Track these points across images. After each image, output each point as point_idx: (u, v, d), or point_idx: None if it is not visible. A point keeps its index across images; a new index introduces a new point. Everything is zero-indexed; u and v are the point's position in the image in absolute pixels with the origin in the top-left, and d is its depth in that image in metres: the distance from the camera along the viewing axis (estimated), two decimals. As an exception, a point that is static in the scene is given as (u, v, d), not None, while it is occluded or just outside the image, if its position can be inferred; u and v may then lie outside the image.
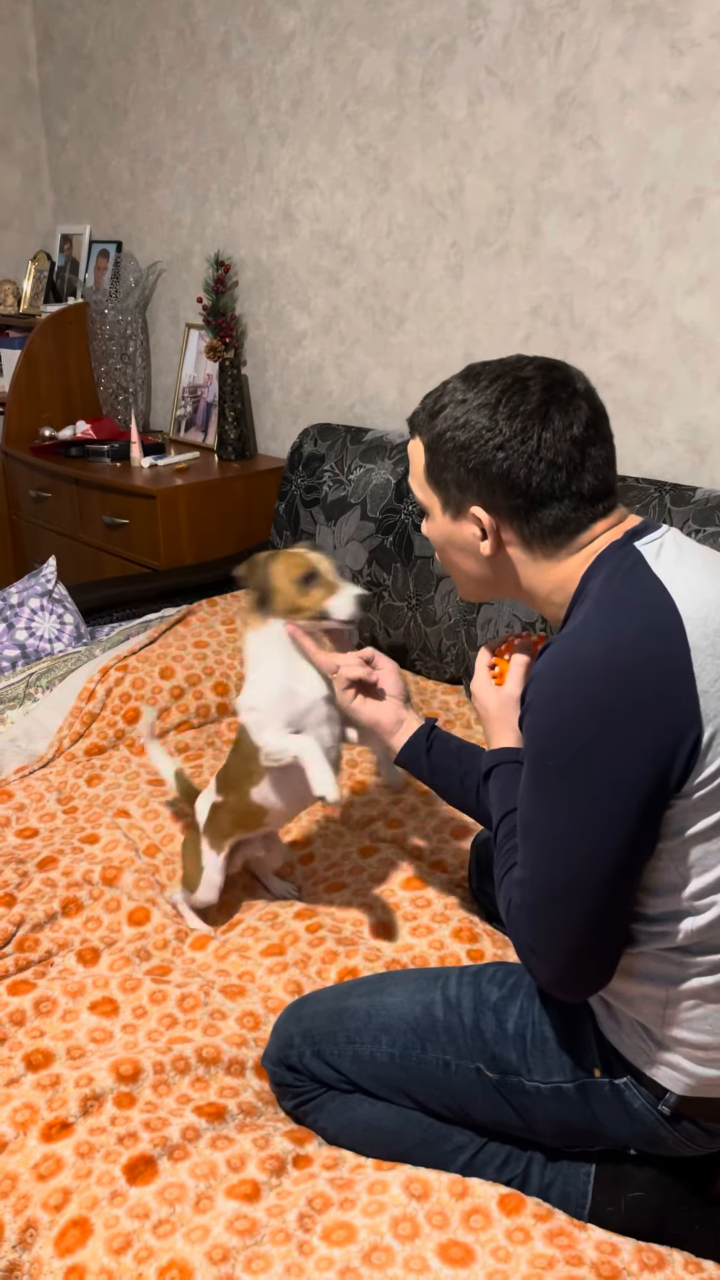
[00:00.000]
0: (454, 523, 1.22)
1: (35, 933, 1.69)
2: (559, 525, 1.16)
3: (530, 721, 1.08)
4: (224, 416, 3.25)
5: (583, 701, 1.03)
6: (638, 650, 1.02)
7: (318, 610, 1.53)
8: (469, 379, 1.18)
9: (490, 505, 1.17)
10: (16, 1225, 1.24)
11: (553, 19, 2.25)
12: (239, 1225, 1.18)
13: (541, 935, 1.10)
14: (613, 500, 1.18)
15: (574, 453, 1.13)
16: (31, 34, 3.91)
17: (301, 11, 2.81)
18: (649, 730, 1.01)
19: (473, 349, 2.63)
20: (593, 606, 1.09)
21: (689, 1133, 1.18)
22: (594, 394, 1.17)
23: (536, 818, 1.09)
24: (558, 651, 1.07)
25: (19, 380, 3.67)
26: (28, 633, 2.59)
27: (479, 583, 1.27)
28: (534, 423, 1.13)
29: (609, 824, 1.03)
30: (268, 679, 1.57)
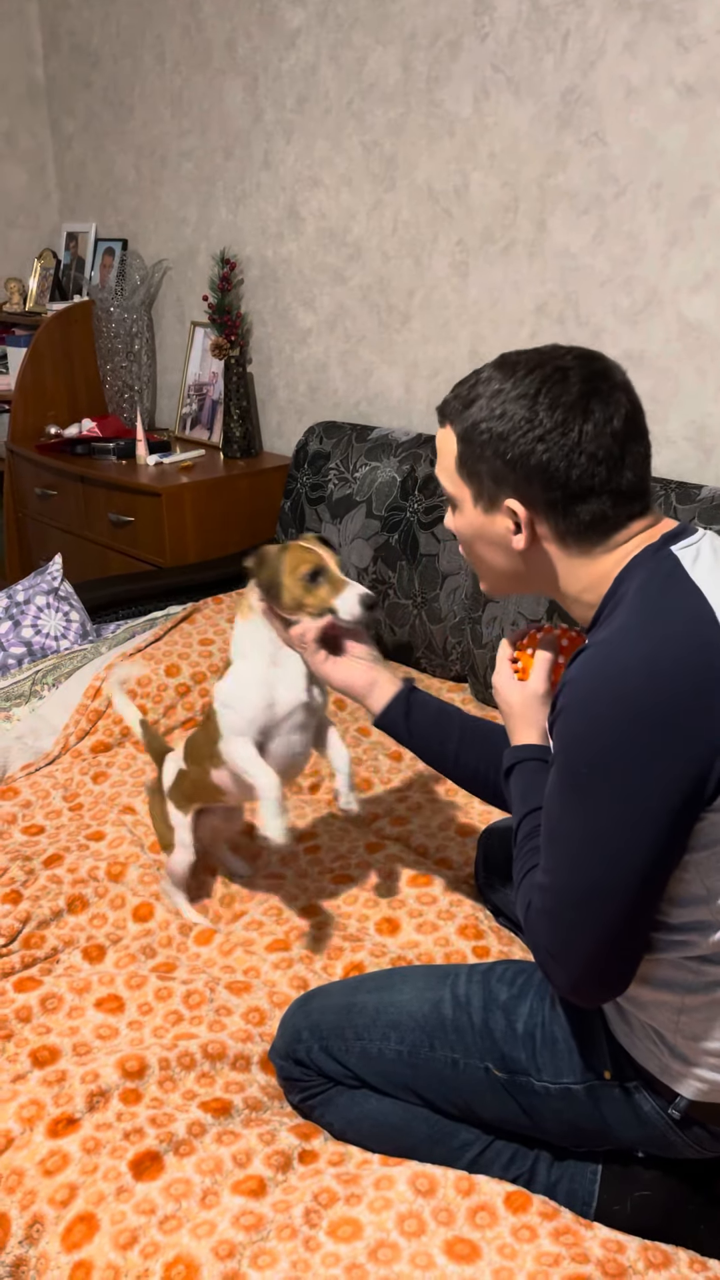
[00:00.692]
0: (486, 515, 1.19)
1: (41, 929, 1.69)
2: (596, 522, 1.13)
3: (563, 726, 1.06)
4: (229, 414, 3.25)
5: (619, 708, 1.01)
6: (676, 659, 1.01)
7: (323, 608, 1.50)
8: (505, 367, 1.15)
9: (527, 498, 1.14)
10: (23, 1221, 1.24)
11: (559, 15, 2.25)
12: (245, 1221, 1.18)
13: (561, 941, 1.09)
14: (648, 499, 1.16)
15: (614, 447, 1.11)
16: (37, 32, 3.91)
17: (307, 8, 2.81)
18: (684, 740, 0.99)
19: (478, 346, 2.63)
20: (631, 612, 1.06)
21: (698, 1137, 1.17)
22: (631, 387, 1.15)
23: (563, 823, 1.07)
24: (594, 657, 1.05)
25: (25, 378, 3.67)
26: (34, 630, 2.59)
27: (507, 577, 1.24)
28: (575, 415, 1.10)
29: (638, 834, 1.01)
30: (250, 678, 1.55)
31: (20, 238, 4.08)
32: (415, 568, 2.52)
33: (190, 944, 1.68)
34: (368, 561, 2.61)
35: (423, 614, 2.51)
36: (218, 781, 1.65)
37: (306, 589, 1.49)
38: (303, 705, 1.55)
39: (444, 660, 2.50)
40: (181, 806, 1.72)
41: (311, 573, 1.49)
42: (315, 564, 1.49)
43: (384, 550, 2.59)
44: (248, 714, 1.54)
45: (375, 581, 2.60)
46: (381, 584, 2.59)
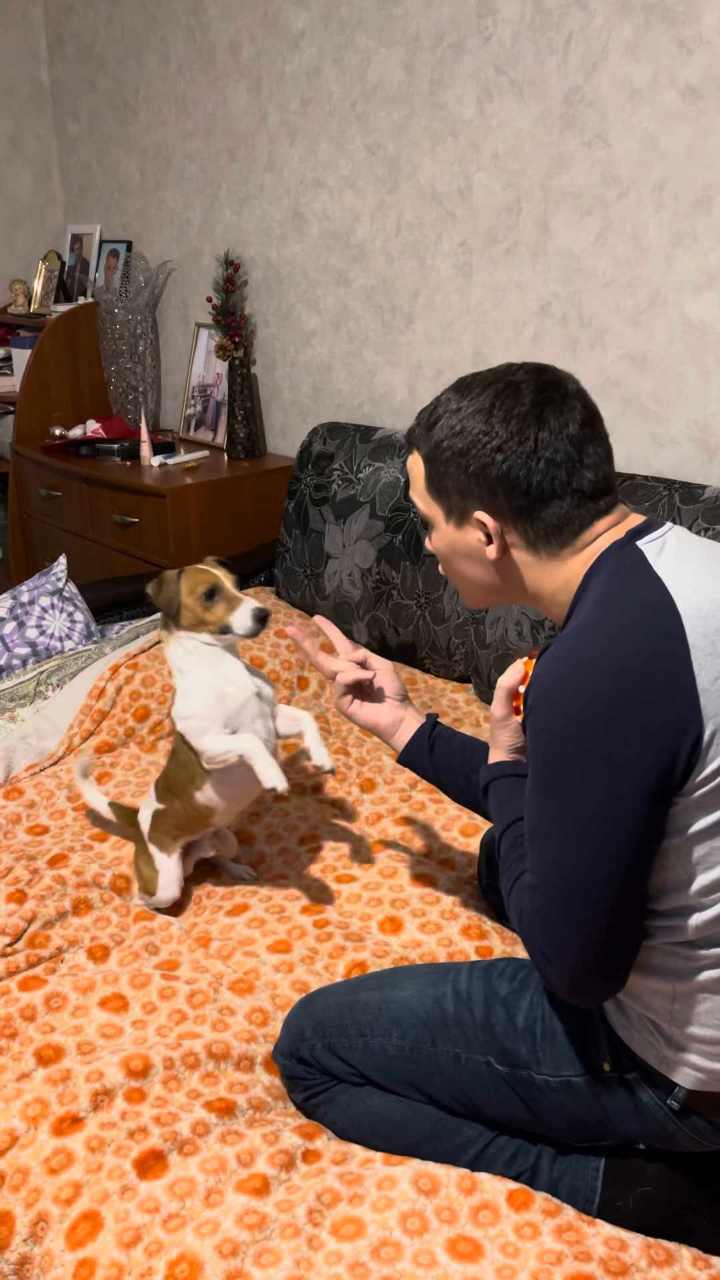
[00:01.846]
0: (458, 530, 1.23)
1: (46, 929, 1.69)
2: (562, 524, 1.17)
3: (533, 724, 1.08)
4: (233, 415, 3.26)
5: (583, 701, 1.03)
6: (637, 649, 1.03)
7: (220, 624, 1.64)
8: (461, 389, 1.20)
9: (493, 508, 1.18)
10: (28, 1219, 1.25)
11: (562, 17, 2.25)
12: (248, 1220, 1.18)
13: (556, 940, 1.10)
14: (613, 498, 1.19)
15: (571, 450, 1.15)
16: (42, 35, 3.92)
17: (311, 11, 2.82)
18: (650, 728, 1.01)
19: (482, 347, 2.63)
20: (593, 606, 1.09)
21: (698, 1128, 1.18)
22: (586, 394, 1.19)
23: (543, 820, 1.09)
24: (557, 652, 1.07)
25: (29, 379, 3.68)
26: (38, 631, 2.60)
27: (485, 589, 1.27)
28: (529, 423, 1.15)
29: (616, 823, 1.03)
30: (198, 686, 1.65)
31: (25, 240, 4.09)
32: (419, 568, 2.53)
33: (193, 942, 1.68)
34: (371, 562, 2.62)
35: (426, 614, 2.52)
36: (204, 803, 1.70)
37: (205, 607, 1.64)
38: (254, 695, 1.66)
39: (447, 661, 2.51)
40: (166, 846, 1.76)
41: (208, 591, 1.63)
42: (210, 583, 1.63)
43: (388, 551, 2.59)
44: (205, 712, 1.64)
45: (379, 582, 2.60)
46: (385, 584, 2.59)
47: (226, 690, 1.64)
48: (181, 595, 1.65)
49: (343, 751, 2.22)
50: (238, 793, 1.70)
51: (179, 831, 1.75)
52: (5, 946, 1.64)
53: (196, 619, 1.65)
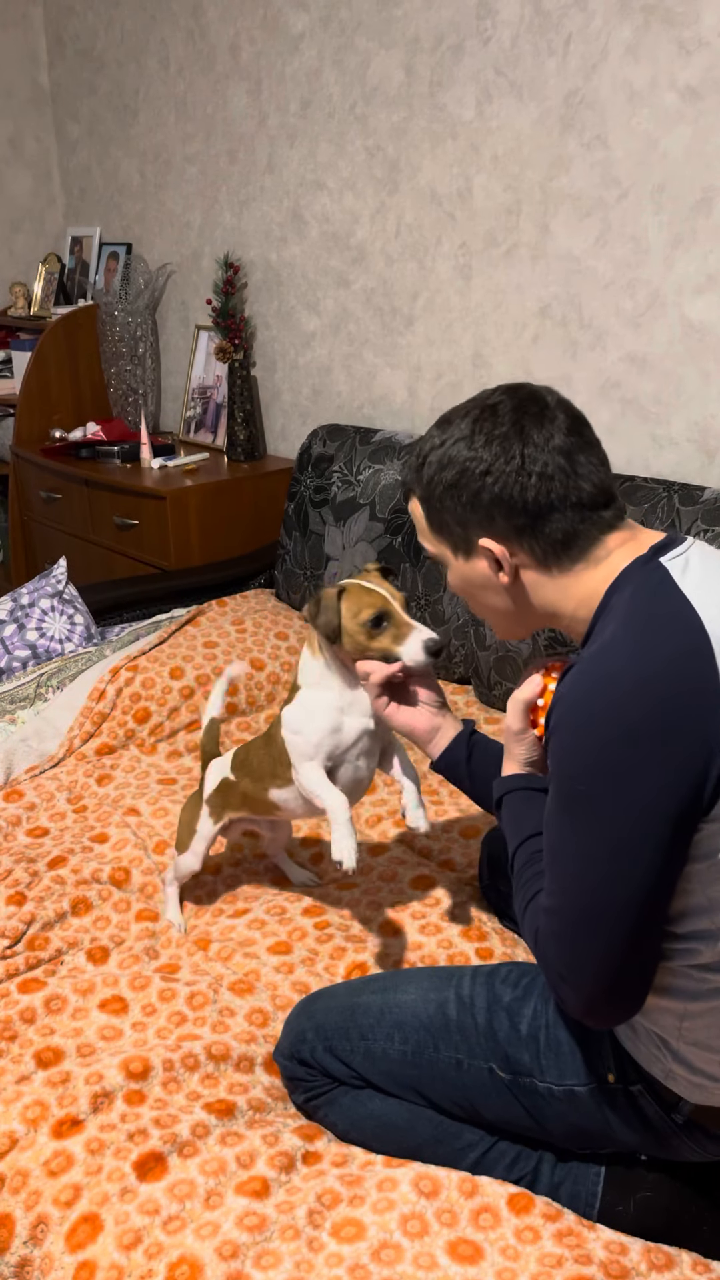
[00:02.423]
0: (468, 563, 1.21)
1: (45, 931, 1.69)
2: (568, 538, 1.15)
3: (557, 743, 1.06)
4: (233, 417, 3.26)
5: (612, 722, 1.01)
6: (666, 670, 1.01)
7: (387, 654, 1.43)
8: (442, 425, 1.20)
9: (496, 533, 1.17)
10: (28, 1221, 1.25)
11: (561, 19, 2.25)
12: (249, 1221, 1.18)
13: (573, 963, 1.08)
14: (619, 508, 1.17)
15: (562, 461, 1.13)
16: (42, 37, 3.93)
17: (310, 13, 2.82)
18: (677, 750, 0.99)
19: (481, 349, 2.63)
20: (619, 625, 1.07)
21: (700, 1141, 1.18)
22: (568, 404, 1.18)
23: (565, 842, 1.07)
24: (584, 671, 1.05)
25: (30, 382, 3.68)
26: (38, 633, 2.60)
27: (510, 618, 1.25)
28: (512, 441, 1.14)
29: (639, 847, 1.01)
30: (318, 706, 1.51)
31: (25, 242, 4.09)
32: (419, 570, 2.53)
33: (193, 944, 1.68)
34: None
35: (427, 616, 2.51)
36: (275, 800, 1.62)
37: (369, 634, 1.43)
38: (368, 733, 1.52)
39: (448, 663, 2.51)
40: (216, 814, 1.70)
41: (375, 618, 1.42)
42: (378, 608, 1.43)
43: (387, 553, 2.59)
44: (315, 739, 1.50)
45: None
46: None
47: (342, 723, 1.50)
48: (344, 619, 1.44)
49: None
50: (311, 809, 1.61)
51: (240, 807, 1.68)
52: (5, 949, 1.64)
53: (359, 647, 1.44)
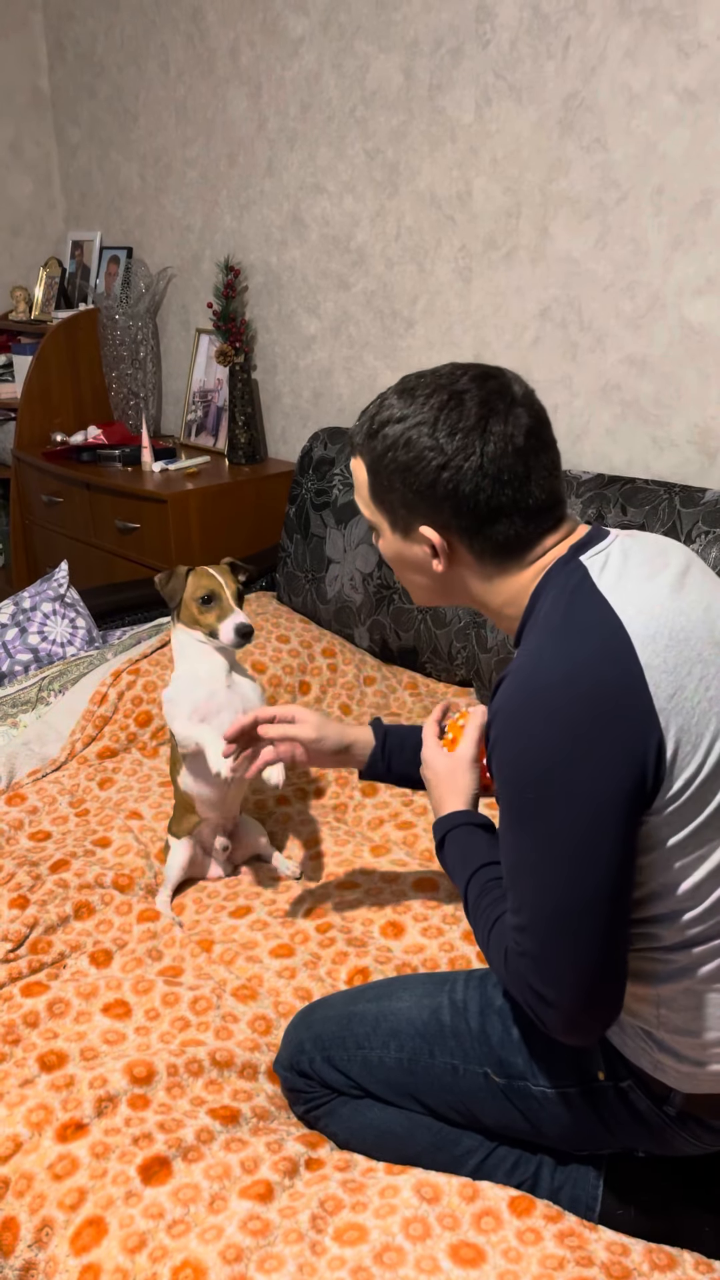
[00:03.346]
0: (404, 541, 1.21)
1: (48, 935, 1.70)
2: (510, 542, 1.15)
3: (499, 757, 1.07)
4: (234, 421, 3.27)
5: (548, 728, 1.03)
6: (592, 674, 1.02)
7: (209, 629, 1.76)
8: (404, 394, 1.16)
9: (439, 524, 1.16)
10: (33, 1224, 1.25)
11: (560, 22, 2.25)
12: (252, 1226, 1.18)
13: (549, 974, 1.08)
14: (561, 510, 1.17)
15: (518, 465, 1.12)
16: (42, 42, 3.93)
17: (310, 17, 2.83)
18: (616, 752, 1.01)
19: (482, 351, 2.63)
20: (544, 631, 1.08)
21: (695, 1132, 1.18)
22: (533, 398, 1.16)
23: (523, 855, 1.07)
24: (515, 683, 1.06)
25: (31, 386, 3.69)
26: (40, 637, 2.60)
27: (433, 593, 1.26)
28: (474, 438, 1.11)
29: (596, 844, 1.03)
30: (182, 676, 1.79)
31: (26, 246, 4.10)
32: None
33: (196, 947, 1.68)
34: (372, 567, 2.62)
35: (428, 618, 2.52)
36: (184, 789, 1.81)
37: (200, 610, 1.76)
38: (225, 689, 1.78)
39: (449, 665, 2.51)
40: (177, 830, 1.84)
41: (205, 596, 1.75)
42: (210, 589, 1.76)
43: (389, 555, 2.59)
44: (180, 700, 1.76)
45: (380, 586, 2.61)
46: (387, 589, 2.60)
47: (200, 678, 1.77)
48: (183, 592, 1.77)
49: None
50: (208, 784, 1.78)
51: (181, 820, 1.84)
52: (7, 952, 1.65)
53: (192, 618, 1.78)
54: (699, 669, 1.05)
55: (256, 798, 2.09)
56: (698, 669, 1.05)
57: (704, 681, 1.04)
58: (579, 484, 2.24)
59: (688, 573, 1.13)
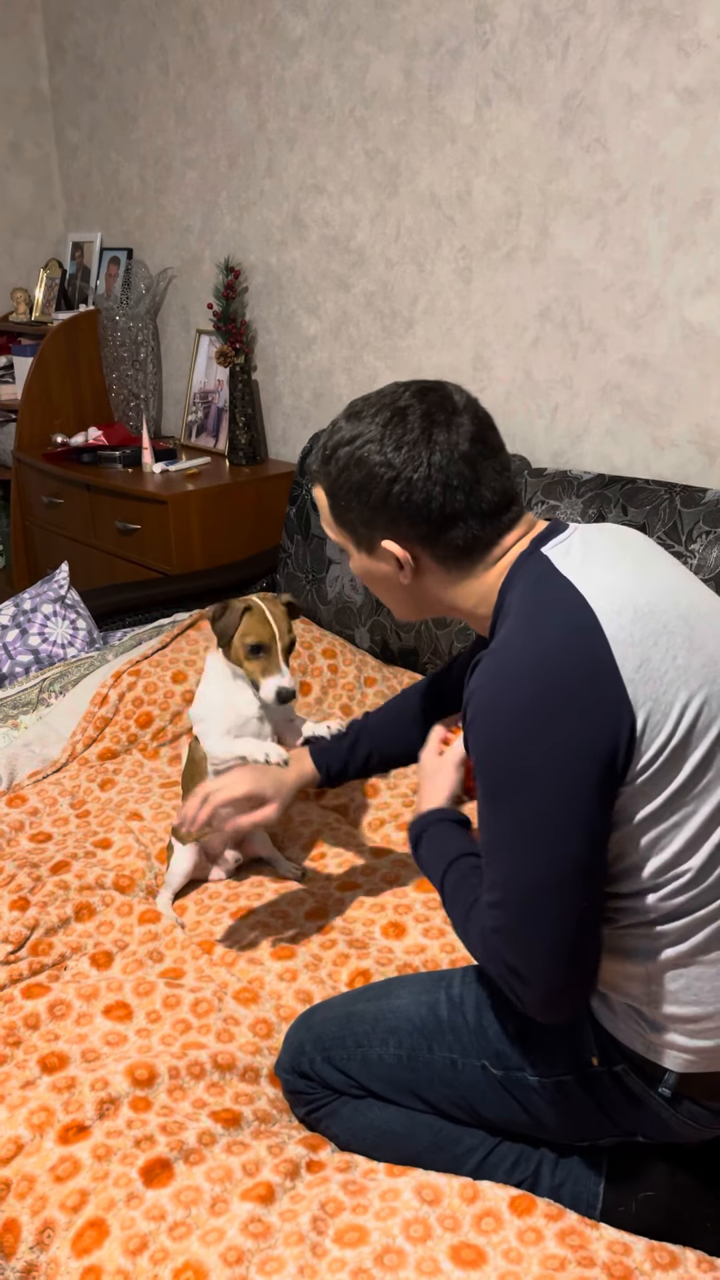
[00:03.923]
0: (370, 559, 1.25)
1: (49, 936, 1.70)
2: (469, 545, 1.19)
3: (474, 738, 1.10)
4: (235, 421, 3.27)
5: (519, 709, 1.06)
6: (561, 650, 1.06)
7: (252, 679, 1.70)
8: (352, 417, 1.21)
9: (398, 536, 1.20)
10: (34, 1226, 1.25)
11: (560, 22, 2.25)
12: (253, 1228, 1.18)
13: (524, 951, 1.10)
14: (517, 509, 1.22)
15: (466, 470, 1.17)
16: (42, 43, 3.94)
17: (309, 18, 2.83)
18: (587, 726, 1.04)
19: (482, 351, 2.63)
20: (514, 619, 1.12)
21: (692, 1113, 1.18)
22: (476, 406, 1.20)
23: (501, 833, 1.10)
24: (487, 666, 1.10)
25: (31, 387, 3.69)
26: (41, 638, 2.60)
27: (410, 606, 1.30)
28: (420, 449, 1.16)
29: (571, 819, 1.05)
30: (214, 695, 1.75)
31: (26, 248, 4.10)
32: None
33: (196, 948, 1.68)
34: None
35: (429, 620, 2.52)
36: None
37: (247, 656, 1.69)
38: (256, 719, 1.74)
39: (450, 665, 2.51)
40: (183, 836, 1.81)
41: (255, 645, 1.67)
42: (261, 641, 1.67)
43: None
44: (215, 720, 1.73)
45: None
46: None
47: (236, 703, 1.73)
48: (234, 633, 1.69)
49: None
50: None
51: None
52: (8, 954, 1.65)
53: (237, 660, 1.71)
54: (665, 640, 1.08)
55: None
56: (664, 640, 1.07)
57: (670, 652, 1.07)
58: (579, 484, 2.24)
59: (650, 559, 1.17)
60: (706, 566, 2.00)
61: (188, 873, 1.81)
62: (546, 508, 2.26)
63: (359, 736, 1.63)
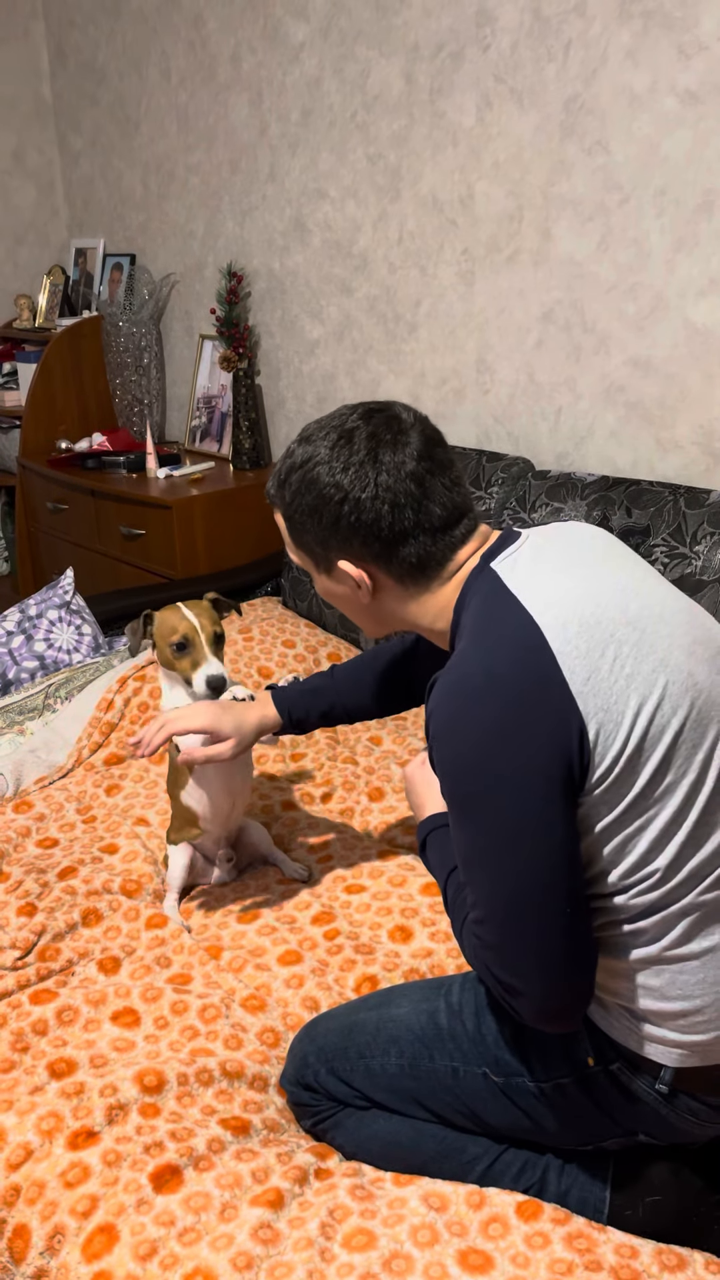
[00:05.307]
0: (330, 580, 1.28)
1: (56, 942, 1.70)
2: (422, 561, 1.22)
3: (438, 756, 1.11)
4: (238, 426, 3.27)
5: (476, 725, 1.07)
6: (511, 668, 1.07)
7: (185, 675, 1.68)
8: (304, 442, 1.24)
9: (353, 556, 1.23)
10: (44, 1231, 1.25)
11: (560, 25, 2.26)
12: (263, 1234, 1.18)
13: (514, 964, 1.11)
14: (470, 522, 1.23)
15: (413, 488, 1.19)
16: (44, 50, 3.95)
17: (310, 23, 2.83)
18: (539, 739, 1.05)
19: (485, 354, 2.64)
20: (465, 638, 1.14)
21: (691, 1109, 1.18)
22: (424, 423, 1.23)
23: (472, 848, 1.11)
24: (443, 686, 1.11)
25: (35, 393, 3.70)
26: (46, 644, 2.61)
27: (373, 623, 1.33)
28: (367, 470, 1.19)
29: (540, 827, 1.06)
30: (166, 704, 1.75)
31: (29, 254, 4.11)
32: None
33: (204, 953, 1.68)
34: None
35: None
36: (188, 804, 1.78)
37: (174, 655, 1.67)
38: None
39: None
40: (172, 839, 1.83)
41: (178, 643, 1.66)
42: (183, 635, 1.66)
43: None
44: None
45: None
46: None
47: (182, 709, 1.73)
48: (157, 635, 1.69)
49: (350, 760, 2.22)
50: (215, 791, 1.76)
51: (181, 829, 1.82)
52: (16, 960, 1.65)
53: (168, 662, 1.70)
54: (612, 649, 1.09)
55: (262, 803, 2.09)
56: (611, 649, 1.08)
57: (618, 661, 1.08)
58: (583, 486, 2.24)
59: (603, 561, 1.18)
60: (711, 568, 2.00)
61: (185, 868, 1.82)
62: (550, 510, 2.26)
63: (322, 686, 1.66)
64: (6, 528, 4.21)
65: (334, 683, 1.67)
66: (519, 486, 2.36)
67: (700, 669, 1.12)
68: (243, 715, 1.60)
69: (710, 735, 1.10)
